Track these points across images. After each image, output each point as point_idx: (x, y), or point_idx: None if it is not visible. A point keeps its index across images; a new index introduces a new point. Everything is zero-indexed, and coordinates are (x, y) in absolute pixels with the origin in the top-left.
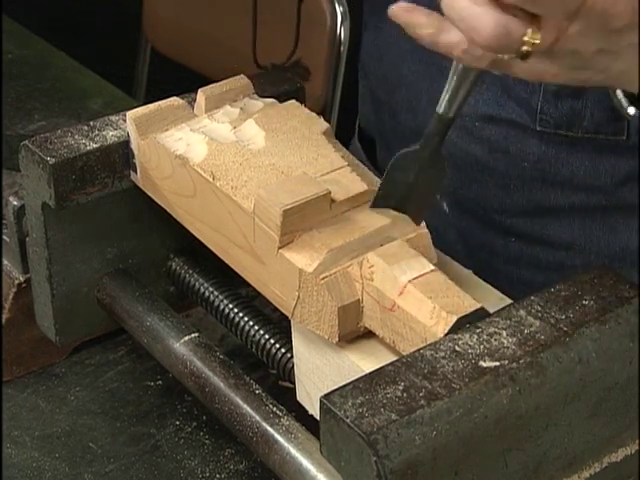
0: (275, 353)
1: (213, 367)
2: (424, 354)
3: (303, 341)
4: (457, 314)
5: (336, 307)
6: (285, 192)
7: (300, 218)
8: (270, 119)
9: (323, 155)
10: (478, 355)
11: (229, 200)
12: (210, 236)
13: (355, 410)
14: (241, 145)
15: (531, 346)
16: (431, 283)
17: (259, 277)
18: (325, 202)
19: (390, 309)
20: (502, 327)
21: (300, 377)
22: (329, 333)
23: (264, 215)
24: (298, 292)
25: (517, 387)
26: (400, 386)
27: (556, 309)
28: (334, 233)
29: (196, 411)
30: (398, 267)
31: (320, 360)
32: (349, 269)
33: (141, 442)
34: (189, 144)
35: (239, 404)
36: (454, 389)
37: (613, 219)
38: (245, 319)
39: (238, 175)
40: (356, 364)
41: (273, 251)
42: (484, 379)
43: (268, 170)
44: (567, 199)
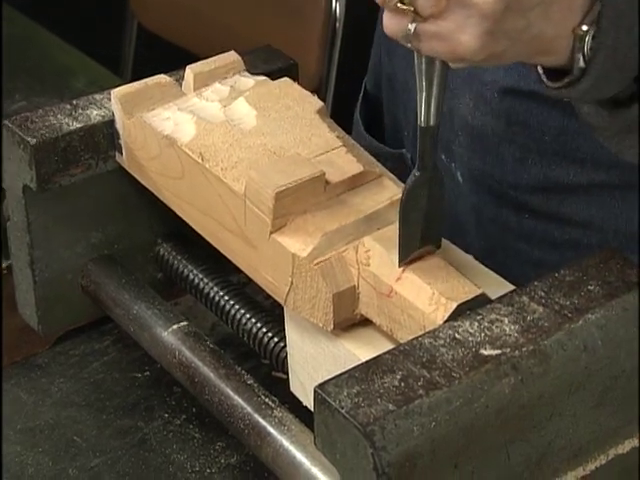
0: (268, 342)
1: (203, 357)
2: (423, 342)
3: (297, 329)
4: (457, 300)
5: (331, 293)
6: (277, 173)
7: (293, 201)
8: (262, 97)
9: (317, 135)
10: (479, 343)
11: (219, 182)
12: (199, 220)
13: (351, 400)
14: (231, 125)
15: (534, 333)
16: (430, 268)
17: (250, 262)
18: (319, 184)
19: (387, 295)
20: (504, 314)
21: (294, 367)
22: (324, 321)
23: (255, 198)
24: (291, 278)
25: (519, 376)
26: (398, 375)
27: (560, 295)
28: (329, 216)
29: (185, 403)
30: (395, 252)
31: (314, 349)
32: (344, 254)
33: (128, 435)
34: (177, 124)
35: (230, 395)
36: (454, 378)
37: (633, 198)
38: (236, 307)
39: (228, 156)
40: (352, 353)
41: (265, 235)
42: (485, 368)
43: (259, 151)
44: (587, 176)
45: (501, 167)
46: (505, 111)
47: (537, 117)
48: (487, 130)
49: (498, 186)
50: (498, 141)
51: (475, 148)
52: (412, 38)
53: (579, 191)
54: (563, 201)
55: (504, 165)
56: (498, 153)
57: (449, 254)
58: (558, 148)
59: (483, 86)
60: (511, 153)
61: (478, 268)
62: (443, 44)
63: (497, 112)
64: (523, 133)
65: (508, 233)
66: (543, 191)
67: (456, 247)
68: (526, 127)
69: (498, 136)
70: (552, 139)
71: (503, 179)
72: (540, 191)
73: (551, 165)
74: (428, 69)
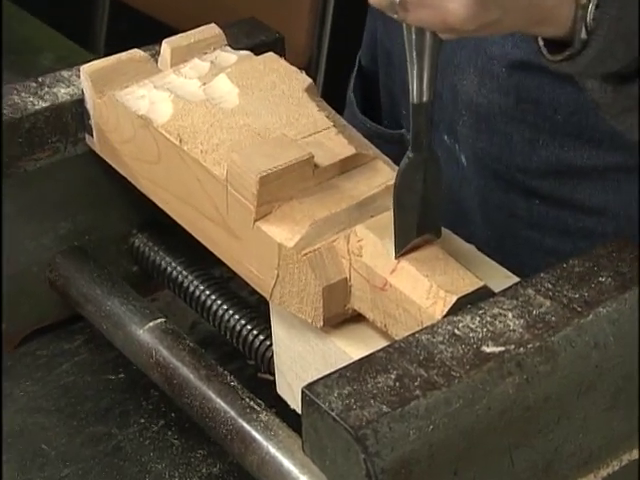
0: (253, 341)
1: (182, 357)
2: (420, 339)
3: (283, 326)
4: (457, 293)
5: (320, 287)
6: (262, 156)
7: (279, 186)
8: (244, 74)
9: (305, 115)
10: (480, 339)
11: (198, 166)
12: (177, 208)
13: (341, 402)
14: (212, 104)
15: (540, 329)
16: (428, 259)
17: (233, 254)
18: (307, 168)
19: (381, 288)
20: (508, 308)
21: (280, 367)
22: (312, 316)
23: (238, 183)
24: (277, 270)
25: (524, 375)
26: (392, 375)
27: (569, 287)
28: (318, 203)
29: (163, 407)
30: (390, 241)
31: (303, 347)
32: (335, 244)
33: (101, 443)
34: (153, 102)
35: (212, 398)
36: (453, 377)
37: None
38: (219, 303)
39: (208, 138)
40: (343, 350)
41: (249, 224)
42: (487, 366)
43: (242, 132)
44: (603, 158)
45: (509, 149)
46: (514, 87)
47: (548, 94)
48: (494, 108)
49: (506, 170)
50: (506, 120)
51: (481, 128)
52: (398, 8)
53: (594, 175)
54: (576, 186)
55: (512, 146)
56: (506, 133)
57: (449, 243)
58: (571, 128)
59: (489, 60)
60: (520, 133)
61: (480, 259)
62: (430, 13)
63: (505, 88)
64: (533, 111)
65: (517, 221)
66: (555, 175)
67: (456, 236)
68: (536, 105)
69: (506, 115)
70: (565, 118)
71: (511, 162)
72: (551, 175)
73: (564, 146)
74: (418, 41)
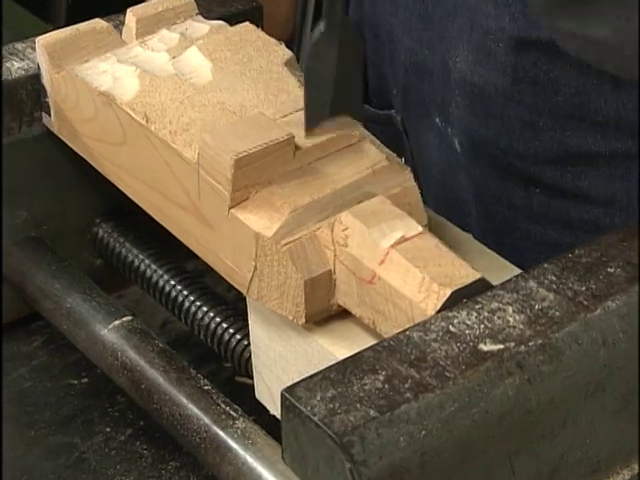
0: (229, 341)
1: (151, 359)
2: (411, 336)
3: (262, 324)
4: (451, 286)
5: (302, 280)
6: (237, 137)
7: (256, 170)
8: (218, 46)
9: (285, 91)
10: (477, 337)
11: (167, 148)
12: (144, 194)
13: (325, 406)
14: (181, 79)
15: (543, 325)
16: (420, 249)
17: (206, 244)
18: (288, 149)
19: (369, 282)
20: (508, 302)
21: (259, 369)
22: (294, 313)
23: (211, 166)
24: (254, 262)
25: (526, 375)
26: (381, 376)
27: (574, 279)
28: (299, 188)
29: (131, 415)
30: (378, 229)
31: (283, 347)
32: (318, 233)
33: (62, 455)
34: (116, 78)
35: (184, 404)
36: (447, 378)
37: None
38: (192, 299)
39: (178, 116)
40: (327, 350)
41: (223, 211)
42: (485, 366)
43: (216, 110)
44: (609, 144)
45: (507, 133)
46: (511, 66)
47: (549, 73)
48: (490, 89)
49: (503, 156)
50: (503, 102)
51: (476, 110)
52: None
53: (599, 162)
54: (580, 174)
55: (510, 131)
56: (503, 116)
57: (443, 232)
58: (573, 110)
59: (485, 35)
60: (518, 116)
61: (477, 248)
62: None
63: (502, 67)
64: (532, 92)
65: (516, 212)
66: (556, 162)
67: (451, 224)
68: (536, 85)
69: (503, 96)
70: (566, 99)
71: (509, 147)
72: (553, 162)
73: (566, 130)
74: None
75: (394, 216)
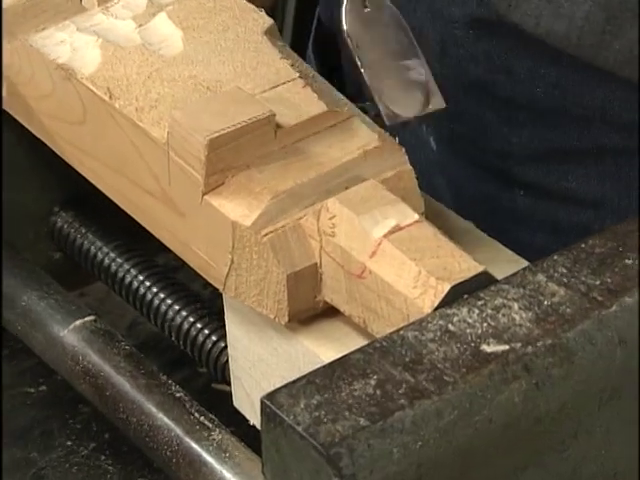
0: (204, 343)
1: (117, 363)
2: (405, 336)
3: (240, 324)
4: (451, 281)
5: (284, 274)
6: (211, 115)
7: (233, 151)
8: (190, 13)
9: (265, 63)
10: (480, 337)
11: (133, 127)
12: (108, 179)
13: (309, 414)
14: (149, 50)
15: (553, 323)
16: (416, 239)
17: (178, 235)
18: (268, 128)
19: (359, 276)
20: (513, 297)
21: (238, 374)
22: (275, 311)
23: (182, 147)
24: (231, 254)
25: (534, 380)
26: (372, 380)
27: (588, 272)
28: (281, 172)
29: (95, 426)
30: (370, 217)
31: (264, 349)
32: (302, 222)
33: (18, 471)
34: (76, 49)
35: (153, 414)
36: (446, 383)
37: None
38: (162, 297)
39: (145, 92)
40: (312, 352)
41: (196, 198)
42: (488, 369)
43: (188, 85)
44: (596, 140)
45: (483, 129)
46: (483, 54)
47: (524, 62)
48: (462, 80)
49: (481, 154)
50: (476, 95)
51: (449, 106)
52: None
53: (587, 160)
54: (567, 173)
55: (487, 127)
56: (478, 111)
57: (442, 220)
58: (554, 103)
59: (450, 24)
60: (494, 110)
61: (480, 238)
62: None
63: (472, 56)
64: (507, 83)
65: (498, 215)
66: (540, 160)
67: (450, 211)
68: (510, 75)
69: (476, 88)
70: (546, 91)
71: (487, 145)
72: (536, 160)
73: (547, 125)
74: None
75: (387, 202)
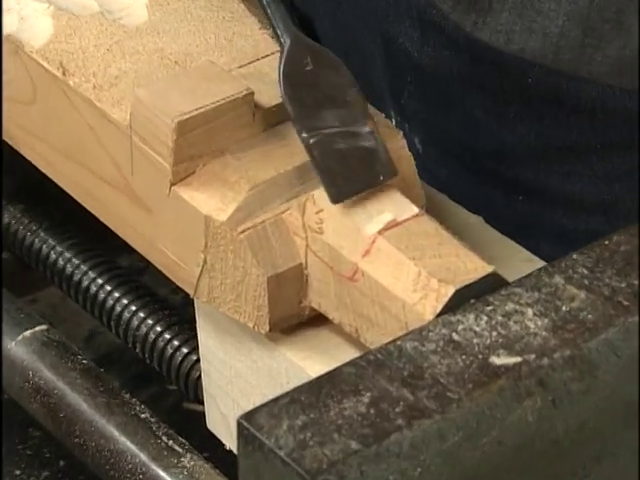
0: (173, 356)
1: (72, 379)
2: (403, 347)
3: (215, 334)
4: (455, 283)
5: (265, 277)
6: (180, 93)
7: (205, 135)
8: None
9: (242, 34)
10: (488, 347)
11: (90, 107)
12: (62, 168)
13: (293, 437)
14: (108, 19)
15: (572, 331)
16: (415, 235)
17: (142, 232)
18: (245, 109)
19: (350, 278)
20: (527, 302)
21: (211, 391)
22: (255, 319)
23: (147, 131)
24: (204, 254)
25: (550, 396)
26: (365, 398)
27: (612, 273)
28: (260, 159)
29: (47, 452)
30: (362, 211)
31: (242, 363)
32: (285, 216)
33: None
34: (24, 18)
35: (115, 437)
36: (450, 401)
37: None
38: (125, 303)
39: (104, 67)
40: (297, 365)
41: (163, 189)
42: (498, 385)
43: (153, 58)
44: (601, 135)
45: (472, 127)
46: (466, 41)
47: (513, 46)
48: (445, 72)
49: (472, 156)
50: (462, 87)
51: (431, 100)
52: None
53: (591, 158)
54: (569, 174)
55: (476, 124)
56: (465, 105)
57: (445, 214)
58: (549, 94)
59: (429, 6)
60: (483, 104)
61: (489, 234)
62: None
63: (455, 44)
64: (495, 73)
65: (495, 223)
66: (538, 160)
67: (455, 204)
68: (499, 64)
69: (461, 80)
70: (537, 80)
71: (477, 144)
72: (533, 160)
73: (543, 119)
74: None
75: (382, 194)
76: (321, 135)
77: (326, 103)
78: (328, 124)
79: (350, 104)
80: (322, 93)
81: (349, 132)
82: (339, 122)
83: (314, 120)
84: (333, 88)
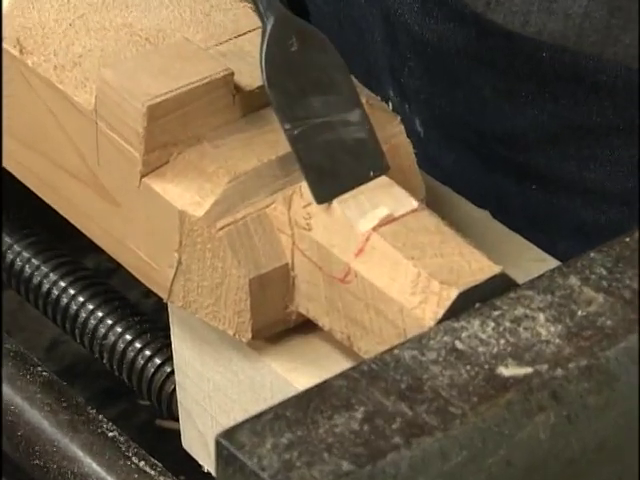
0: (145, 367)
1: (31, 394)
2: (401, 356)
3: (191, 342)
4: (459, 285)
5: (246, 279)
6: (152, 74)
7: (180, 121)
8: None
9: (220, 8)
10: (496, 357)
11: (51, 90)
12: (20, 158)
13: (278, 457)
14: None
15: (589, 339)
16: (414, 232)
17: (110, 229)
18: (224, 91)
19: (342, 280)
20: (539, 307)
21: (187, 406)
22: (235, 325)
23: (114, 116)
24: (179, 253)
25: (564, 411)
26: (358, 413)
27: (633, 273)
28: (241, 147)
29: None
30: (355, 205)
31: (221, 374)
32: (269, 211)
33: None
34: None
35: (79, 459)
36: (453, 416)
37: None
38: (91, 308)
39: (67, 45)
40: (283, 377)
41: (132, 181)
42: (506, 398)
43: (121, 35)
44: (623, 115)
45: (479, 107)
46: (472, 14)
47: (523, 18)
48: (449, 47)
49: (479, 139)
50: (468, 64)
51: (435, 78)
52: None
53: (614, 141)
54: (588, 159)
55: (483, 104)
56: (472, 84)
57: (448, 208)
58: (565, 71)
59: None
60: (491, 83)
61: (496, 231)
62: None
63: (461, 16)
64: (505, 48)
65: (507, 215)
66: (553, 144)
67: (459, 197)
68: (509, 38)
69: (467, 56)
70: (552, 56)
71: (485, 127)
72: (549, 144)
73: (559, 99)
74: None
75: (377, 186)
76: (306, 126)
77: (312, 89)
78: (314, 113)
79: (338, 89)
80: (308, 78)
81: (337, 121)
82: (326, 110)
83: (298, 109)
84: (320, 72)
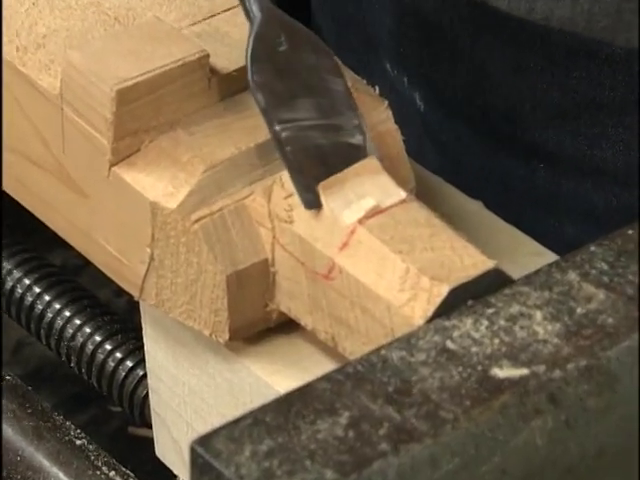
0: (115, 371)
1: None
2: (388, 357)
3: (164, 343)
4: (450, 281)
5: (223, 275)
6: (121, 56)
7: (151, 106)
8: None
9: None
10: (490, 357)
11: (13, 73)
12: None
13: (257, 465)
14: None
15: (589, 338)
16: (402, 225)
17: (77, 222)
18: (199, 74)
19: (326, 276)
20: (535, 304)
21: (160, 412)
22: (212, 325)
23: (81, 101)
24: (151, 248)
25: (563, 415)
26: (343, 418)
27: (636, 268)
28: (217, 134)
29: None
30: (340, 196)
31: (197, 377)
32: (247, 202)
33: None
34: None
35: (45, 468)
36: (444, 421)
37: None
38: (58, 308)
39: (29, 25)
40: (263, 380)
41: (101, 171)
42: (500, 401)
43: (88, 14)
44: (637, 88)
45: (484, 82)
46: None
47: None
48: (449, 15)
49: (483, 115)
50: (471, 34)
51: (434, 49)
52: None
53: (627, 118)
54: (600, 138)
55: (488, 78)
56: (474, 56)
57: (439, 199)
58: (575, 42)
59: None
60: (496, 55)
61: (490, 223)
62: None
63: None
64: (511, 17)
65: (512, 197)
66: (563, 120)
67: (451, 187)
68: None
69: (470, 25)
70: (566, 21)
71: (490, 103)
72: (557, 121)
73: (569, 73)
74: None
75: (363, 175)
76: (296, 128)
77: (301, 91)
78: (303, 116)
79: (332, 92)
80: (298, 79)
81: (329, 125)
82: (316, 114)
83: (288, 111)
84: (311, 73)
